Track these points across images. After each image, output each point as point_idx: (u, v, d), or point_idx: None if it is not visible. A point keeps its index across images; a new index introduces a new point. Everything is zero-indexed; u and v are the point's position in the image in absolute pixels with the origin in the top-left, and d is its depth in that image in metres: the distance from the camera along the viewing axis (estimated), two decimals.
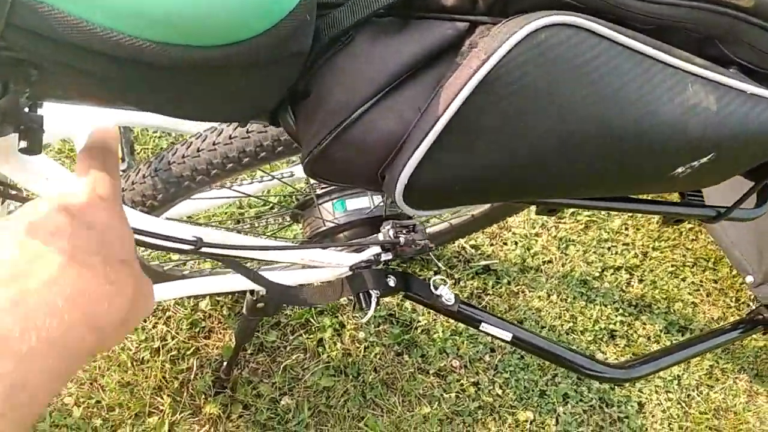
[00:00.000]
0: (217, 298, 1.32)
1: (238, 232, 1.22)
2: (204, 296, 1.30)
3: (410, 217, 1.01)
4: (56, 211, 0.33)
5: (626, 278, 1.56)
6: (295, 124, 0.40)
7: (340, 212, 0.98)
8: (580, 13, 0.38)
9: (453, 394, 1.30)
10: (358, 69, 0.38)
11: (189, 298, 1.29)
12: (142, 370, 1.22)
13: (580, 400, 1.34)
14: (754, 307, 1.21)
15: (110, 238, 0.35)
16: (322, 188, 0.99)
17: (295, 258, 0.84)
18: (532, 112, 0.37)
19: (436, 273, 1.45)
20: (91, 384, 1.19)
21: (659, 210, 0.59)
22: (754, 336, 1.54)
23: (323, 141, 0.38)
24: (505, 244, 1.55)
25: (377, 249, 0.96)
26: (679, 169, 0.43)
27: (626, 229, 1.66)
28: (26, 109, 0.50)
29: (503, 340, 1.00)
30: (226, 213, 1.39)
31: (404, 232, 0.95)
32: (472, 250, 1.51)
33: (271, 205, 1.34)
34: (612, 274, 1.56)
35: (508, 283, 1.48)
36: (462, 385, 1.31)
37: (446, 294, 0.98)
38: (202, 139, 0.66)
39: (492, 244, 1.54)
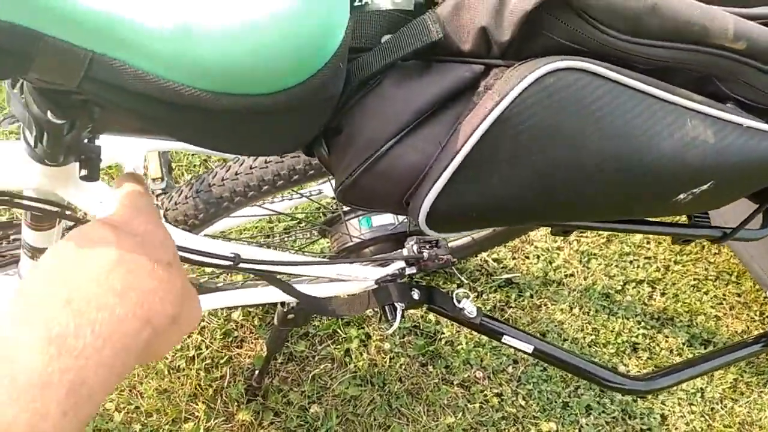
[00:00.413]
0: (249, 310, 1.37)
1: (268, 247, 1.27)
2: (237, 307, 1.35)
3: None
4: (100, 225, 0.36)
5: (648, 291, 1.57)
6: (329, 156, 0.45)
7: (366, 228, 1.03)
8: (585, 57, 0.42)
9: (477, 405, 1.33)
10: (385, 109, 0.42)
11: (222, 309, 1.35)
12: (178, 378, 1.27)
13: (603, 412, 1.36)
14: None
15: (153, 243, 0.37)
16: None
17: (325, 272, 0.89)
18: (541, 148, 0.42)
19: (459, 286, 1.49)
20: (130, 391, 1.25)
21: (668, 231, 0.62)
22: None
23: (354, 173, 0.43)
24: (527, 257, 1.58)
25: (402, 263, 1.00)
26: (681, 196, 0.46)
27: (648, 242, 1.67)
28: (86, 140, 0.56)
29: (525, 352, 1.03)
30: (256, 227, 1.45)
31: (427, 247, 0.99)
32: (495, 264, 1.54)
33: (298, 221, 1.40)
34: (634, 287, 1.57)
35: (531, 296, 1.51)
36: (485, 395, 1.34)
37: (469, 307, 1.02)
38: (240, 163, 0.71)
39: (514, 258, 1.57)
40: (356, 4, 0.41)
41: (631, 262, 1.62)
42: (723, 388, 1.46)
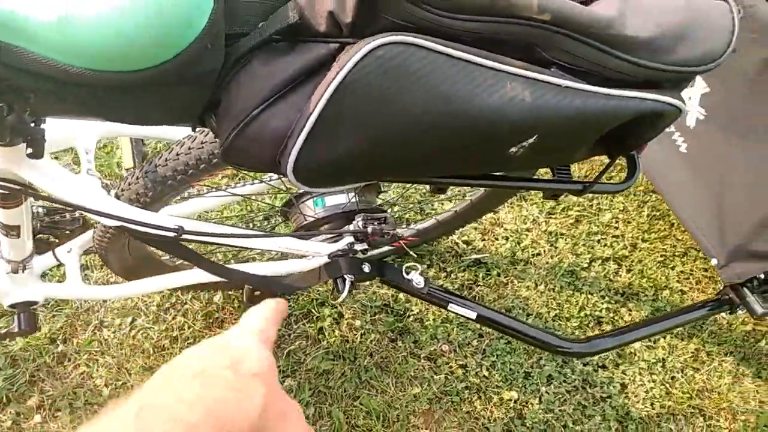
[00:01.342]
0: (229, 292, 1.47)
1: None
2: (216, 290, 1.45)
3: (383, 211, 1.14)
4: (206, 343, 0.39)
5: (614, 268, 1.64)
6: (216, 125, 0.54)
7: (320, 208, 1.11)
8: (416, 33, 0.50)
9: (442, 376, 1.41)
10: (253, 83, 0.51)
11: (203, 292, 1.44)
12: (163, 356, 1.37)
13: (564, 381, 1.43)
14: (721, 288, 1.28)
15: (244, 355, 0.38)
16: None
17: (272, 245, 0.98)
18: (379, 111, 0.50)
19: (429, 266, 1.57)
20: (118, 369, 1.35)
21: (535, 186, 0.70)
22: (742, 319, 1.59)
23: (229, 136, 0.52)
24: (497, 239, 1.65)
25: (351, 239, 1.08)
26: (513, 149, 0.54)
27: (617, 222, 1.74)
28: (32, 124, 0.65)
29: (469, 318, 1.11)
30: (237, 216, 1.55)
31: (374, 223, 1.08)
32: (464, 245, 1.62)
33: (262, 205, 1.49)
34: (600, 264, 1.64)
35: (498, 274, 1.58)
36: (451, 367, 1.42)
37: (416, 278, 1.10)
38: (180, 145, 0.80)
39: (484, 239, 1.64)
40: None
41: (598, 240, 1.69)
42: (684, 358, 1.51)
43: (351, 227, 1.06)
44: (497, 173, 0.68)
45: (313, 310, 1.46)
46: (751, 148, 1.19)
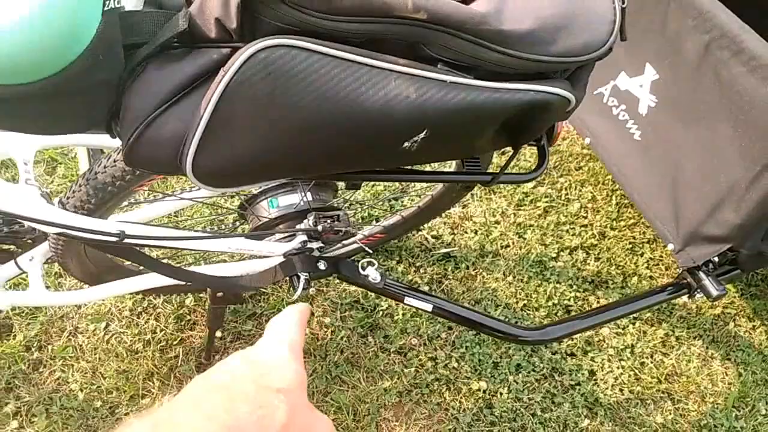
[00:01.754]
0: (200, 295, 1.50)
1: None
2: (187, 293, 1.47)
3: (336, 209, 1.16)
4: (237, 354, 0.38)
5: (583, 257, 1.66)
6: (119, 131, 0.56)
7: (273, 208, 1.14)
8: (300, 35, 0.52)
9: (412, 369, 1.43)
10: (148, 88, 0.54)
11: (174, 295, 1.47)
12: (136, 359, 1.40)
13: (533, 370, 1.45)
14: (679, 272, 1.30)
15: (271, 369, 0.37)
16: (258, 190, 1.15)
17: (223, 247, 1.00)
18: (267, 111, 0.52)
19: (398, 262, 1.59)
20: (93, 373, 1.38)
21: (446, 178, 0.72)
22: (711, 303, 1.61)
23: (128, 141, 0.54)
24: (466, 232, 1.67)
25: (304, 237, 1.11)
26: (406, 144, 0.56)
27: (585, 211, 1.75)
28: None
29: (425, 311, 1.14)
30: (206, 219, 1.57)
31: (327, 221, 1.10)
32: (434, 240, 1.64)
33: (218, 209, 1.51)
34: (569, 254, 1.66)
35: (467, 267, 1.60)
36: (421, 360, 1.44)
37: (372, 274, 1.13)
38: (117, 152, 0.83)
39: (453, 233, 1.67)
40: (106, 8, 0.52)
41: (567, 230, 1.71)
42: (654, 344, 1.53)
43: (302, 226, 1.08)
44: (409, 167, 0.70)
45: (283, 309, 1.48)
46: (700, 134, 1.21)
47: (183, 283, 1.11)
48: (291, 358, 0.39)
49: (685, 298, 1.30)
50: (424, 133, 0.56)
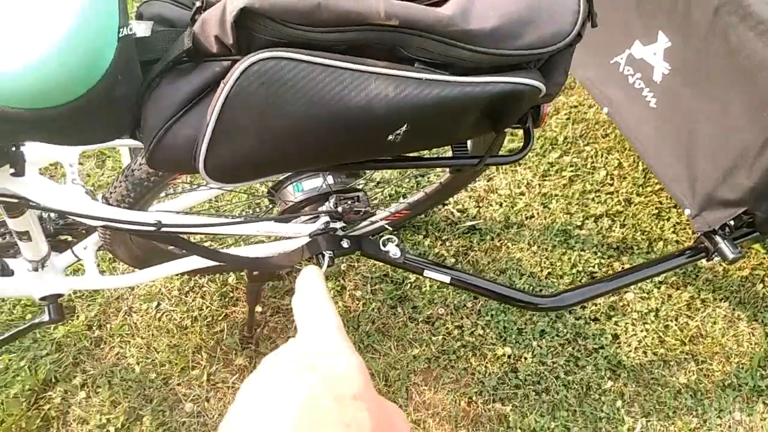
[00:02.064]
0: (241, 274, 1.61)
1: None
2: (229, 272, 1.59)
3: (357, 190, 1.24)
4: (279, 362, 0.35)
5: (608, 224, 1.68)
6: (141, 138, 0.65)
7: (299, 192, 1.22)
8: (289, 47, 0.59)
9: (440, 337, 1.51)
10: (162, 100, 0.62)
11: (218, 275, 1.59)
12: (185, 335, 1.53)
13: (556, 335, 1.50)
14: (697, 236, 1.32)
15: (335, 375, 0.34)
16: (285, 176, 1.23)
17: (254, 230, 1.09)
18: (265, 116, 0.60)
19: (425, 236, 1.66)
20: (147, 348, 1.51)
21: (438, 163, 0.77)
22: (739, 265, 1.62)
23: (149, 147, 0.63)
24: (491, 205, 1.72)
25: (327, 218, 1.19)
26: (391, 137, 0.63)
27: (611, 179, 1.77)
28: (13, 148, 0.79)
29: (444, 282, 1.20)
30: (243, 204, 1.68)
31: (347, 202, 1.18)
32: (459, 214, 1.70)
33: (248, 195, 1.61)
34: (594, 221, 1.69)
35: (492, 239, 1.66)
36: (448, 329, 1.52)
37: (393, 249, 1.20)
38: None
39: (478, 206, 1.72)
40: (121, 35, 0.60)
41: (592, 199, 1.73)
42: (678, 307, 1.56)
43: (323, 208, 1.17)
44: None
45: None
46: (712, 99, 1.22)
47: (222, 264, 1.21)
48: (347, 349, 0.36)
49: (704, 261, 1.33)
50: (405, 126, 0.62)
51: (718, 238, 1.26)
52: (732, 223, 1.24)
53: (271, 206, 1.57)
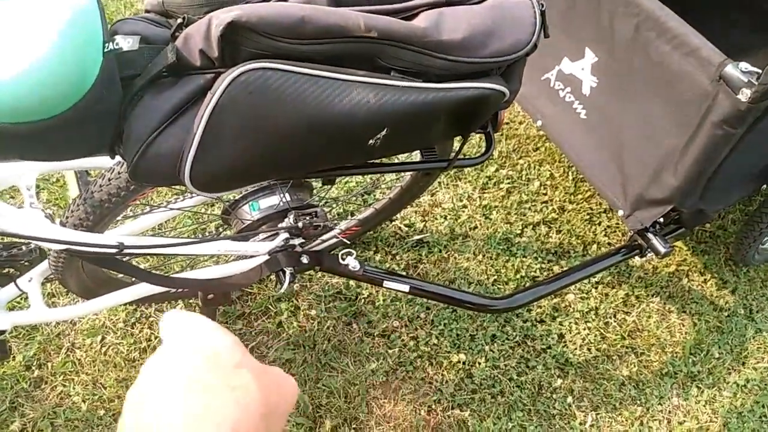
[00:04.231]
0: (190, 301, 1.57)
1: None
2: (177, 300, 1.55)
3: (314, 206, 1.25)
4: (164, 353, 0.37)
5: (545, 231, 1.78)
6: (123, 152, 0.65)
7: (255, 211, 1.22)
8: (274, 58, 0.62)
9: (396, 350, 1.53)
10: (146, 113, 0.62)
11: (166, 303, 1.55)
12: (134, 367, 1.47)
13: (507, 339, 1.56)
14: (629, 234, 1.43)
15: (215, 353, 0.37)
16: (239, 196, 1.23)
17: (213, 250, 1.09)
18: (252, 125, 0.62)
19: (375, 252, 1.69)
20: (94, 384, 1.45)
21: (406, 168, 0.82)
22: (665, 262, 1.75)
23: (133, 160, 0.63)
24: (436, 218, 1.78)
25: (286, 235, 1.20)
26: (371, 141, 0.66)
27: (545, 189, 1.87)
28: None
29: (403, 292, 1.24)
30: (189, 228, 1.65)
31: (306, 218, 1.19)
32: (407, 228, 1.74)
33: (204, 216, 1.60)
34: (532, 229, 1.78)
35: (439, 251, 1.71)
36: (403, 341, 1.55)
37: (352, 263, 1.23)
38: (111, 171, 0.91)
39: (424, 220, 1.77)
40: (106, 50, 0.60)
41: (529, 208, 1.83)
42: (616, 304, 1.66)
43: (283, 224, 1.17)
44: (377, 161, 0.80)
45: (270, 307, 1.57)
46: (637, 108, 1.33)
47: (173, 290, 1.19)
48: (215, 328, 0.39)
49: (637, 258, 1.43)
50: (385, 130, 0.66)
51: (650, 235, 1.37)
52: (662, 220, 1.35)
53: (221, 228, 1.56)
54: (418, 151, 0.87)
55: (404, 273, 1.65)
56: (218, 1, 0.65)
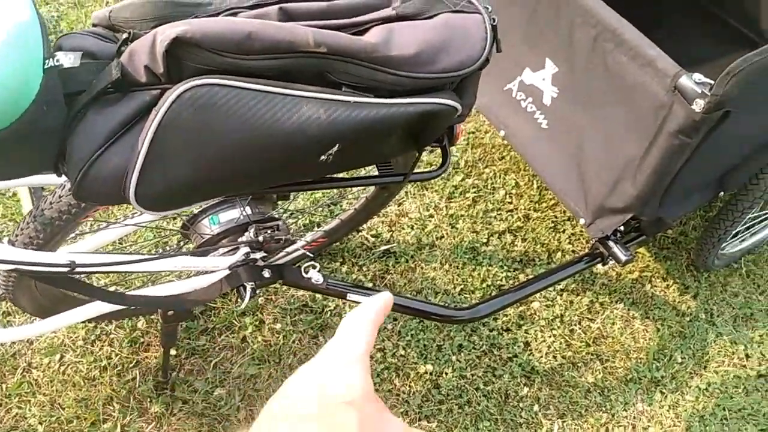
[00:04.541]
0: (151, 317, 1.54)
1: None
2: (137, 316, 1.52)
3: (275, 219, 1.24)
4: (302, 368, 0.37)
5: (511, 240, 1.79)
6: (66, 171, 0.63)
7: (215, 225, 1.20)
8: (221, 74, 0.61)
9: None
10: (89, 131, 0.61)
11: (126, 319, 1.51)
12: (94, 386, 1.44)
13: (473, 348, 1.56)
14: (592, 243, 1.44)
15: (331, 381, 0.36)
16: (198, 209, 1.21)
17: (170, 266, 1.06)
18: (198, 142, 0.60)
19: (342, 263, 1.68)
20: (51, 405, 1.41)
21: (361, 183, 0.81)
22: (628, 269, 1.77)
23: (76, 179, 0.61)
24: (403, 228, 1.78)
25: (247, 249, 1.18)
26: (323, 157, 0.65)
27: (510, 198, 1.89)
28: None
29: None
30: (150, 243, 1.62)
31: (267, 232, 1.18)
32: (373, 239, 1.74)
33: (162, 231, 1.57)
34: (498, 238, 1.78)
35: (406, 261, 1.70)
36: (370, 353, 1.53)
37: (315, 276, 1.21)
38: (62, 187, 0.89)
39: (391, 230, 1.77)
40: (46, 66, 0.58)
41: (494, 217, 1.84)
42: (580, 311, 1.67)
43: (243, 238, 1.16)
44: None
45: (234, 321, 1.55)
46: (597, 117, 1.35)
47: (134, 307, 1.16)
48: (350, 364, 0.37)
49: (600, 265, 1.44)
50: (337, 146, 0.65)
51: (611, 243, 1.38)
52: (622, 228, 1.37)
53: (182, 243, 1.53)
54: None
55: (371, 284, 1.64)
56: (166, 16, 0.64)
